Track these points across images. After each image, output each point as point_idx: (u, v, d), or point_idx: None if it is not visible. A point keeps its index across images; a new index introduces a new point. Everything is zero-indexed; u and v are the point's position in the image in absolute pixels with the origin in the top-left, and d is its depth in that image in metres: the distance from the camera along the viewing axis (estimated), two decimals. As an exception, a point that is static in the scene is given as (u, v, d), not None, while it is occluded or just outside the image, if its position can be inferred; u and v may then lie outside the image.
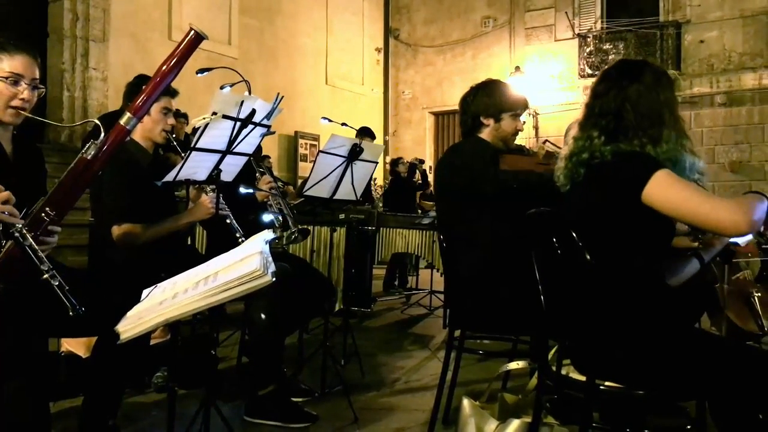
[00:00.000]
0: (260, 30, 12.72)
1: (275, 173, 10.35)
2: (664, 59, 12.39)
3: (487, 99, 2.90)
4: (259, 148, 5.96)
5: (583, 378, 1.80)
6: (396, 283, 7.76)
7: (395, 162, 9.27)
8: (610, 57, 12.73)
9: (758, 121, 11.97)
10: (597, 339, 1.81)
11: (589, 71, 12.96)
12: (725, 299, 4.32)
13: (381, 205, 12.65)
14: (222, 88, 3.00)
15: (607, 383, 1.79)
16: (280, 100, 2.33)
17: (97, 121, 1.68)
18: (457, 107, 3.02)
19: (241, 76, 2.82)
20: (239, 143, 2.27)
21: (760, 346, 4.54)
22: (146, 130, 2.93)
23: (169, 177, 2.18)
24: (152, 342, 3.56)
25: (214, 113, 2.07)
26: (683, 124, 2.00)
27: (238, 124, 2.17)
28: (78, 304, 1.66)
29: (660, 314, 1.83)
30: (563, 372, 1.87)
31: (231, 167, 2.42)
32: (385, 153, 15.90)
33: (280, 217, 3.58)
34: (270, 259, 1.55)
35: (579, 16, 13.42)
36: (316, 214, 5.09)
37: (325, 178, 3.17)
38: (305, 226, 3.64)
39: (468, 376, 3.59)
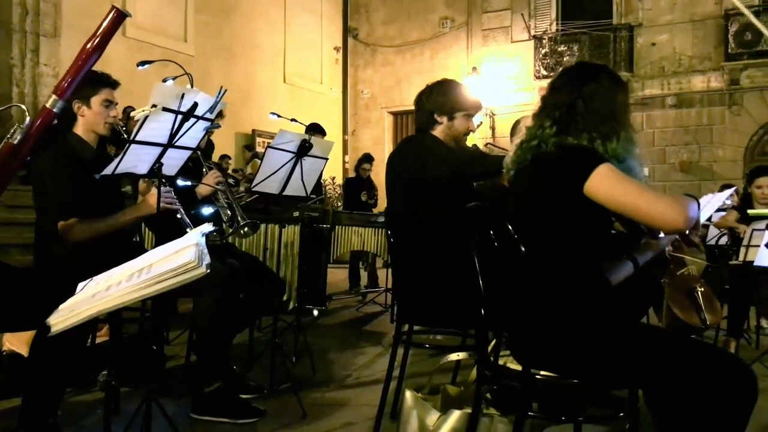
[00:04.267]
0: (217, 27, 12.59)
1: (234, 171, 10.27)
2: (617, 61, 12.65)
3: (442, 97, 2.95)
4: (210, 144, 5.96)
5: (519, 368, 1.84)
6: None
7: (362, 161, 9.06)
8: (564, 59, 12.95)
9: (707, 122, 12.31)
10: (532, 329, 1.84)
11: (545, 72, 13.16)
12: (670, 293, 4.45)
13: (341, 204, 12.68)
14: (164, 81, 2.96)
15: (543, 372, 1.83)
16: (223, 94, 2.32)
17: (22, 106, 1.64)
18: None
19: (183, 69, 2.79)
20: (181, 137, 2.25)
21: (702, 339, 4.68)
22: (88, 123, 2.87)
23: (108, 170, 2.15)
24: (98, 341, 3.52)
25: (154, 105, 2.05)
26: (634, 133, 2.05)
27: (179, 117, 2.16)
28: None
29: (594, 304, 1.87)
30: (502, 363, 1.90)
31: (173, 161, 2.39)
32: (344, 152, 15.90)
33: (229, 212, 3.55)
34: (205, 251, 1.55)
35: (535, 18, 13.62)
36: (269, 211, 5.08)
37: (274, 173, 3.15)
38: (255, 220, 3.61)
39: (418, 370, 3.62)
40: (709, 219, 5.75)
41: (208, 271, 1.46)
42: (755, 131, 11.98)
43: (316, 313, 5.71)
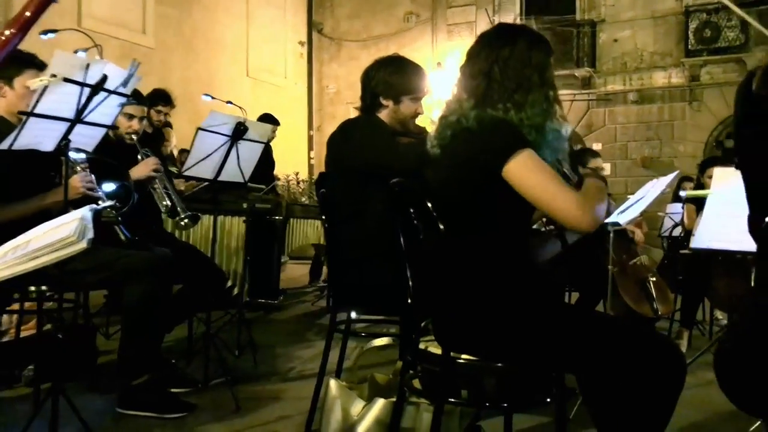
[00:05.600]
0: (177, 19, 12.35)
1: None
2: (580, 57, 12.73)
3: (388, 78, 2.77)
4: (160, 134, 5.78)
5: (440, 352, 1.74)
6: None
7: None
8: (528, 54, 12.94)
9: (668, 118, 12.43)
10: (453, 310, 1.75)
11: (509, 68, 13.13)
12: (621, 283, 4.41)
13: (305, 200, 12.53)
14: (76, 52, 2.80)
15: (464, 356, 1.74)
16: (137, 67, 2.18)
17: None
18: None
19: (92, 40, 2.63)
20: (91, 112, 2.11)
21: (654, 329, 4.66)
22: (11, 105, 2.73)
23: (4, 145, 2.01)
24: (23, 335, 3.36)
25: (53, 75, 1.91)
26: (556, 92, 1.94)
27: (87, 90, 2.02)
28: None
29: (518, 283, 1.79)
30: (423, 347, 1.80)
31: (85, 138, 2.25)
32: (309, 148, 15.77)
33: (168, 203, 3.40)
34: (90, 226, 1.42)
35: (499, 14, 13.64)
36: (217, 201, 4.92)
37: (207, 157, 3.03)
38: (195, 213, 3.47)
39: (365, 362, 3.51)
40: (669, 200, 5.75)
41: (89, 246, 1.33)
42: (715, 126, 12.13)
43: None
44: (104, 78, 2.05)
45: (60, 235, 1.34)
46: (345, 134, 2.86)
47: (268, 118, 6.48)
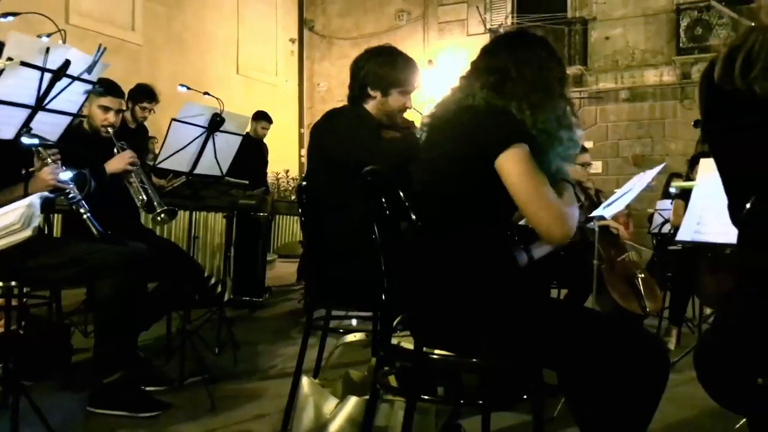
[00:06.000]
0: (167, 16, 12.23)
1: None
2: (571, 55, 12.67)
3: (378, 69, 2.69)
4: (143, 129, 5.69)
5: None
6: None
7: None
8: (520, 52, 12.89)
9: (659, 116, 12.39)
10: (427, 303, 1.68)
11: (500, 65, 13.09)
12: (609, 280, 4.35)
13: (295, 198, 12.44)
14: (39, 37, 2.71)
15: (439, 352, 1.67)
16: (103, 52, 2.10)
17: None
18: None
19: (56, 25, 2.55)
20: (53, 99, 2.03)
21: (643, 327, 4.60)
22: None
23: (-42, 131, 1.92)
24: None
25: (10, 59, 1.83)
26: (574, 107, 1.91)
27: (48, 75, 1.94)
28: None
29: (499, 278, 1.72)
30: (395, 342, 1.73)
31: (48, 126, 2.17)
32: (300, 146, 15.66)
33: (144, 197, 3.32)
34: (37, 213, 1.35)
35: (490, 12, 13.57)
36: (200, 197, 4.84)
37: (182, 149, 2.95)
38: (172, 207, 3.39)
39: (347, 360, 3.44)
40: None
41: (34, 234, 1.25)
42: (706, 125, 12.09)
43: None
44: (66, 63, 1.97)
45: (4, 222, 1.27)
46: (329, 124, 2.78)
47: (262, 116, 6.41)
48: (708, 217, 2.18)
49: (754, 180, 1.29)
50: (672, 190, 6.40)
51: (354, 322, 4.40)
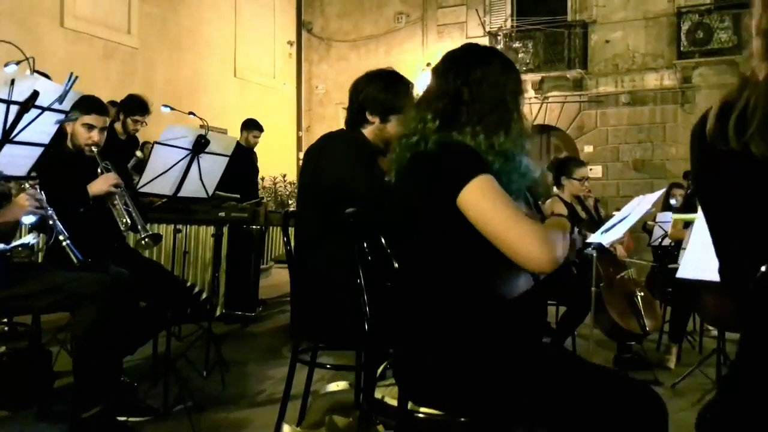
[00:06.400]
0: (162, 18, 12.11)
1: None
2: (571, 58, 12.57)
3: (378, 94, 2.58)
4: (134, 140, 5.59)
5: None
6: None
7: None
8: (519, 55, 12.80)
9: (660, 120, 12.28)
10: (412, 357, 1.58)
11: (500, 69, 12.98)
12: (608, 298, 4.25)
13: (292, 202, 12.34)
14: (6, 66, 2.60)
15: (424, 410, 1.57)
16: (74, 81, 1.99)
17: None
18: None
19: (22, 53, 2.43)
20: (21, 131, 1.93)
21: (642, 346, 4.50)
22: None
23: None
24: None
25: (-29, 94, 1.73)
26: (527, 124, 1.78)
27: (14, 107, 1.84)
28: None
29: (484, 327, 1.61)
30: (379, 395, 1.63)
31: (17, 159, 2.07)
32: (298, 149, 15.57)
33: (128, 220, 3.19)
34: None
35: (490, 14, 13.45)
36: (191, 211, 4.74)
37: (165, 172, 2.85)
38: (157, 233, 3.28)
39: (328, 401, 3.33)
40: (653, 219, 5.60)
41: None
42: (707, 129, 11.98)
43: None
44: (34, 94, 1.87)
45: None
46: (323, 148, 2.67)
47: (252, 124, 6.30)
48: (711, 253, 2.07)
49: (753, 241, 1.18)
50: (672, 202, 6.31)
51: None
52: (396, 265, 1.52)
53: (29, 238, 2.16)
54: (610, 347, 4.62)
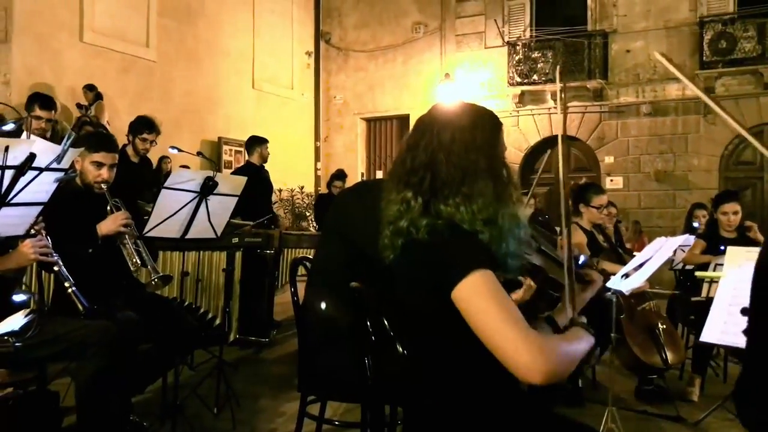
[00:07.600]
0: (180, 31, 12.14)
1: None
2: (591, 68, 12.41)
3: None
4: (146, 161, 5.57)
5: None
6: None
7: (334, 177, 8.56)
8: (538, 65, 12.68)
9: (682, 131, 12.08)
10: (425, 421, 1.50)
11: (518, 79, 12.89)
12: (629, 330, 4.14)
13: (310, 215, 12.30)
14: (2, 124, 2.56)
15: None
16: (71, 139, 1.94)
17: None
18: (389, 113, 2.60)
19: (17, 112, 2.40)
20: (18, 193, 1.89)
21: (664, 380, 4.37)
22: None
23: None
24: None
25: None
26: (508, 170, 1.65)
27: (9, 172, 1.79)
28: None
29: (497, 409, 1.53)
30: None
31: (16, 219, 2.03)
32: (316, 159, 15.55)
33: (138, 260, 3.13)
34: None
35: (508, 24, 13.33)
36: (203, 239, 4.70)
37: (172, 215, 2.79)
38: (168, 274, 3.23)
39: None
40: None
41: None
42: (730, 140, 11.75)
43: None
44: (31, 157, 1.82)
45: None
46: (359, 197, 2.52)
47: (257, 140, 6.26)
48: (736, 315, 1.97)
49: None
50: (696, 225, 6.16)
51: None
52: (401, 350, 1.44)
53: (18, 321, 2.11)
54: (630, 376, 4.51)
